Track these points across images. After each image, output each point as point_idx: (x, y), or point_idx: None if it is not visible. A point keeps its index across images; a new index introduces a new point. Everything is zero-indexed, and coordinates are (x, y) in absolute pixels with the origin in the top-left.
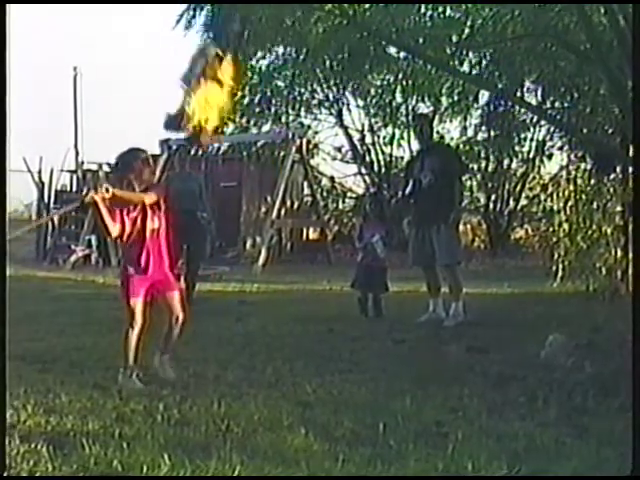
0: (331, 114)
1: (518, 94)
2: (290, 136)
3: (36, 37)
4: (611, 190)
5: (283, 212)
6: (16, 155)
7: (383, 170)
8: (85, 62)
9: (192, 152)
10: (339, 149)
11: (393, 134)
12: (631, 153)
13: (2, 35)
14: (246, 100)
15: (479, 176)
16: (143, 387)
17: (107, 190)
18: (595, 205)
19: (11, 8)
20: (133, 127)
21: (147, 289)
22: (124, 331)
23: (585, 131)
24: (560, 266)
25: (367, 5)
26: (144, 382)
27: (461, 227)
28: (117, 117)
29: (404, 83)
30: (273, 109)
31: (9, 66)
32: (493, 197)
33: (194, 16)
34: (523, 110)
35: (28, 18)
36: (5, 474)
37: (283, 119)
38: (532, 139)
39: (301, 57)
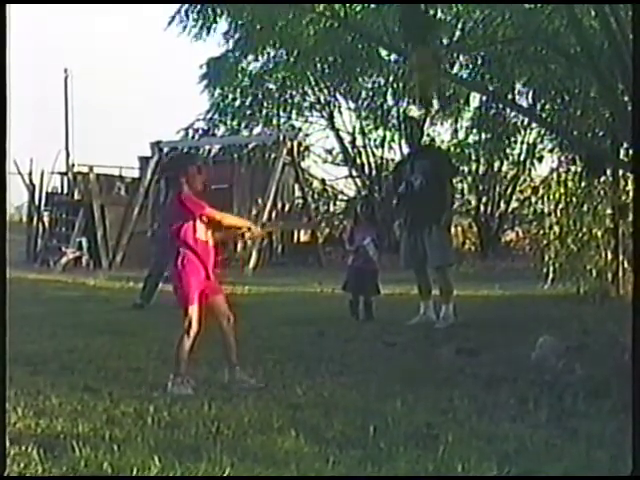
0: (322, 117)
1: (509, 97)
2: (281, 138)
3: (28, 38)
4: (601, 193)
5: (274, 214)
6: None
7: (374, 173)
8: (77, 65)
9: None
10: (330, 151)
11: (384, 137)
12: (630, 156)
13: (2, 35)
14: (237, 102)
15: (470, 178)
16: (193, 393)
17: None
18: (585, 208)
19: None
20: (124, 129)
21: (199, 295)
22: (178, 338)
23: (576, 134)
24: (550, 268)
25: (359, 7)
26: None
27: (452, 229)
28: (108, 119)
29: (395, 85)
30: (264, 111)
31: (9, 63)
32: (484, 199)
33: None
34: (514, 113)
35: (19, 18)
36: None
37: (274, 121)
38: (523, 142)
39: (292, 59)
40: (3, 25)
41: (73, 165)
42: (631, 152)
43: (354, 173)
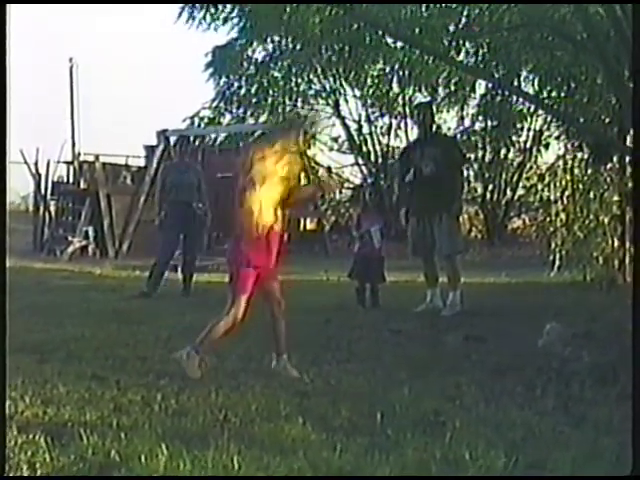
0: (328, 104)
1: (515, 84)
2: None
3: (34, 30)
4: (608, 179)
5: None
6: (13, 147)
7: (380, 160)
8: (83, 54)
9: (190, 142)
10: (336, 139)
11: (390, 124)
12: (630, 144)
13: (2, 35)
14: (243, 90)
15: (476, 166)
16: (200, 375)
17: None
18: (592, 195)
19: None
20: (130, 118)
21: (254, 284)
22: (217, 319)
23: (582, 120)
24: (557, 256)
25: None
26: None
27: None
28: (114, 108)
29: (401, 73)
30: (270, 99)
31: (9, 63)
32: (490, 187)
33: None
34: (520, 100)
35: (26, 11)
36: (5, 474)
37: (280, 109)
38: (529, 129)
39: (298, 47)
40: (3, 25)
41: (79, 154)
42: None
43: (360, 161)
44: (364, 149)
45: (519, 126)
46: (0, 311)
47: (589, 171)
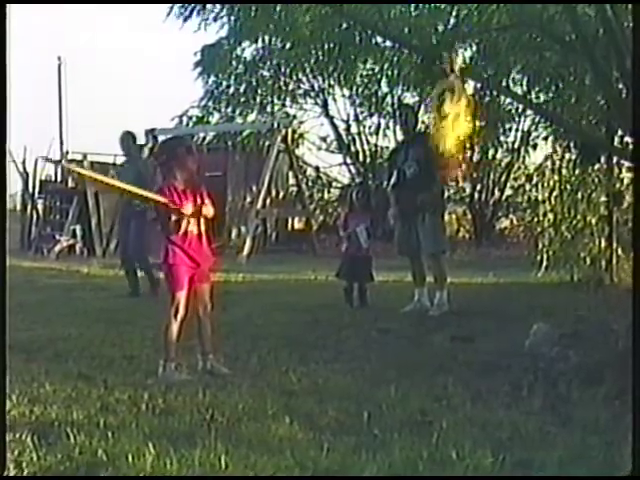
0: (316, 104)
1: (504, 84)
2: (275, 126)
3: (23, 28)
4: (596, 180)
5: (268, 202)
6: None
7: (368, 160)
8: (71, 52)
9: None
10: (324, 139)
11: (379, 124)
12: (618, 145)
13: (2, 35)
14: (231, 89)
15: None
16: (190, 378)
17: None
18: (580, 195)
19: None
20: (118, 117)
21: (188, 281)
22: (165, 324)
23: (570, 121)
24: (545, 256)
25: None
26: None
27: (446, 217)
28: (102, 107)
29: (390, 73)
30: (258, 99)
31: (9, 63)
32: (478, 187)
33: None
34: (508, 100)
35: (16, 9)
36: (5, 474)
37: (268, 109)
38: (517, 129)
39: (287, 46)
40: (3, 25)
41: (67, 153)
42: (630, 141)
43: (348, 160)
44: (352, 149)
45: (507, 126)
46: (0, 311)
47: (577, 172)
